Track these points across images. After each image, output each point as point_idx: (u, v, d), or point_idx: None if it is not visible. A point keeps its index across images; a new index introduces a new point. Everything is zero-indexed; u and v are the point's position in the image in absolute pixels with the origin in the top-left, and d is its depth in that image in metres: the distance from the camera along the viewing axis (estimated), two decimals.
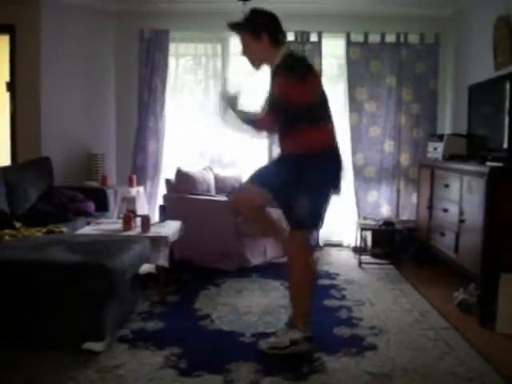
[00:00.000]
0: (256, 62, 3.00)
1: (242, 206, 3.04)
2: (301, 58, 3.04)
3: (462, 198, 3.86)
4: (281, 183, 2.86)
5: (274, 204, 3.03)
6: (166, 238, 3.75)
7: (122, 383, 2.52)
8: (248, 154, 5.87)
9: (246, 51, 2.99)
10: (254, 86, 4.26)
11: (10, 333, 2.85)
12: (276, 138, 3.08)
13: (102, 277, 2.76)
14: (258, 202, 2.95)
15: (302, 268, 2.93)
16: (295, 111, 2.77)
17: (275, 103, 2.80)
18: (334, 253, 5.55)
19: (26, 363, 2.68)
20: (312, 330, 2.95)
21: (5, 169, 4.50)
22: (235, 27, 2.99)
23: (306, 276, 2.96)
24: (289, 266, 3.01)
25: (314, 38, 5.59)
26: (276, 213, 3.20)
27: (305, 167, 2.81)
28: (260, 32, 2.89)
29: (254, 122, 2.92)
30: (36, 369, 2.62)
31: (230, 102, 2.94)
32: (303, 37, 5.58)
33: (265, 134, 3.25)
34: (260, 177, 2.97)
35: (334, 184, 2.93)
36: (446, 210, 4.23)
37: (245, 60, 3.05)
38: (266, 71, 3.04)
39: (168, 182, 5.09)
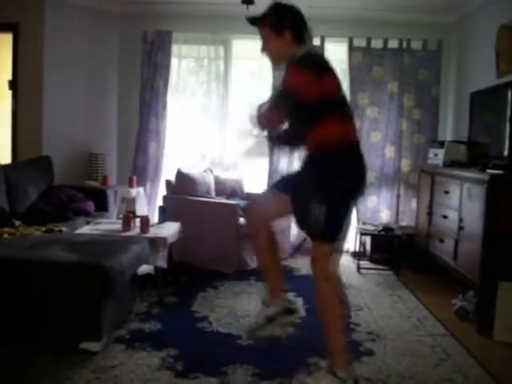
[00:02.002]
0: (276, 60, 2.82)
1: (254, 218, 2.79)
2: (318, 55, 2.79)
3: (462, 205, 3.86)
4: (302, 185, 2.61)
5: (288, 213, 2.77)
6: (164, 239, 3.74)
7: None
8: (249, 157, 5.86)
9: (266, 48, 2.76)
10: (258, 86, 4.28)
11: (7, 332, 2.85)
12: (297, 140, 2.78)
13: (99, 277, 2.76)
14: (271, 212, 2.75)
15: (326, 295, 2.54)
16: (312, 106, 2.53)
17: (284, 95, 2.58)
18: None
19: (22, 362, 2.67)
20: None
21: (5, 167, 4.50)
22: (255, 22, 2.75)
23: (334, 304, 2.54)
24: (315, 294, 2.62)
25: (316, 42, 5.59)
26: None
27: (328, 164, 2.54)
28: (282, 28, 2.67)
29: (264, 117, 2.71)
30: (32, 368, 2.61)
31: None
32: None
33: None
34: (281, 182, 2.82)
35: (357, 189, 2.62)
36: (445, 217, 4.22)
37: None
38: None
39: (168, 183, 5.08)
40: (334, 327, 2.51)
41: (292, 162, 5.67)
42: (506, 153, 3.83)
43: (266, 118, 2.70)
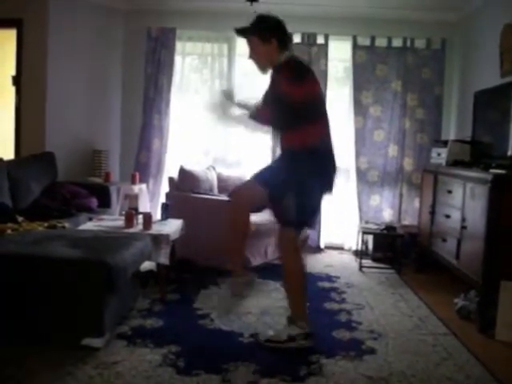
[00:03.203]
0: (263, 66, 3.09)
1: (239, 201, 3.13)
2: (299, 61, 3.13)
3: (465, 204, 3.86)
4: (277, 179, 2.95)
5: (267, 204, 3.16)
6: (167, 236, 3.75)
7: (120, 380, 2.52)
8: (252, 154, 5.87)
9: (254, 55, 3.08)
10: (260, 85, 4.28)
11: (9, 327, 2.85)
12: (277, 137, 3.21)
13: (102, 273, 2.76)
14: (252, 199, 3.08)
15: (291, 267, 3.04)
16: (294, 109, 2.85)
17: (276, 99, 2.91)
18: (335, 256, 5.56)
19: (24, 358, 2.68)
20: (312, 327, 3.02)
21: (9, 163, 4.50)
22: (244, 32, 3.08)
23: (297, 275, 3.07)
24: (282, 266, 3.12)
25: (320, 40, 5.60)
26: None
27: (300, 163, 2.92)
28: (270, 37, 2.99)
29: (256, 112, 3.16)
30: (34, 364, 2.62)
31: (226, 95, 3.21)
32: (310, 39, 5.59)
33: (264, 126, 3.29)
34: (260, 175, 3.11)
35: (327, 183, 3.03)
36: (448, 216, 4.22)
37: (251, 61, 3.12)
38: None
39: (171, 180, 5.08)
40: (295, 292, 3.06)
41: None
42: (509, 152, 3.82)
43: (258, 112, 3.14)
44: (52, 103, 5.27)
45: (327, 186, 3.03)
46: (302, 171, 2.89)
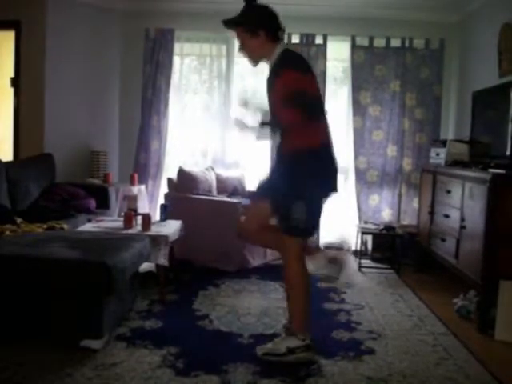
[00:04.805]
0: (253, 59, 2.89)
1: (246, 232, 3.02)
2: (298, 54, 2.91)
3: (464, 204, 3.86)
4: (278, 188, 2.77)
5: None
6: (166, 237, 3.74)
7: (119, 381, 2.51)
8: (251, 155, 5.87)
9: (243, 48, 2.86)
10: (260, 85, 4.29)
11: (8, 328, 2.85)
12: (276, 139, 2.94)
13: (101, 274, 2.75)
14: (260, 221, 2.93)
15: (294, 276, 2.84)
16: (298, 104, 2.62)
17: (290, 98, 2.62)
18: None
19: (23, 359, 2.67)
20: (311, 337, 2.85)
21: (7, 164, 4.50)
22: (231, 24, 2.85)
23: (300, 285, 2.85)
24: (284, 273, 2.91)
25: (319, 40, 5.60)
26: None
27: (302, 165, 2.71)
28: (256, 29, 2.77)
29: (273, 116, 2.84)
30: (33, 365, 2.62)
31: (244, 103, 2.97)
32: (308, 39, 5.58)
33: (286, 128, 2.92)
34: (259, 191, 2.96)
35: (331, 185, 2.84)
36: (447, 216, 4.22)
37: (241, 54, 2.92)
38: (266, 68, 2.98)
39: (170, 181, 5.09)
40: (298, 302, 2.85)
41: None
42: (508, 152, 3.82)
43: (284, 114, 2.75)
44: (50, 104, 5.27)
45: (331, 187, 2.83)
46: (306, 175, 2.70)
